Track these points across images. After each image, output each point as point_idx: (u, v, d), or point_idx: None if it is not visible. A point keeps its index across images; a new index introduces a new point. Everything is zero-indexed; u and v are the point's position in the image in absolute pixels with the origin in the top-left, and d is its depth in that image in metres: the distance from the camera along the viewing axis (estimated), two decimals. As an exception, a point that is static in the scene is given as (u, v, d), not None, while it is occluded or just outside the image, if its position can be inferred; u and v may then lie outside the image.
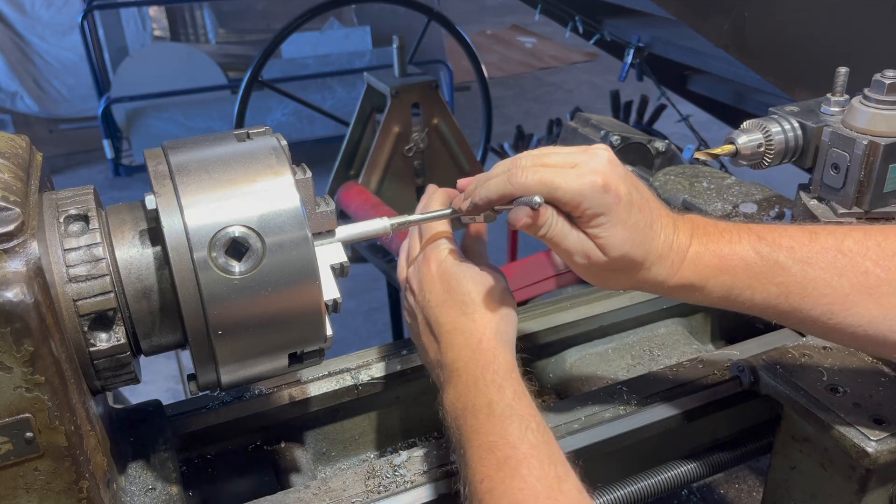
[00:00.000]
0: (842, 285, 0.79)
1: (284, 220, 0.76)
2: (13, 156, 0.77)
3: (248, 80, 3.08)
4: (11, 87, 6.37)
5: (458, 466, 0.81)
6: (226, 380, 0.81)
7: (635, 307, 1.27)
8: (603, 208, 0.80)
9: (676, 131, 4.19)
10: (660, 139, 1.63)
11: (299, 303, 0.78)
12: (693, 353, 1.26)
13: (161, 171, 0.78)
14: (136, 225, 0.81)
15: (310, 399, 1.06)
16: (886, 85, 1.04)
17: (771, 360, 1.00)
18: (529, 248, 1.97)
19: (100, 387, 0.82)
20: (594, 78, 7.75)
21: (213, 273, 0.74)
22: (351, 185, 2.62)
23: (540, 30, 8.91)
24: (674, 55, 3.11)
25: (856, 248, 0.80)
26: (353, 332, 3.94)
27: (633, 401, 1.02)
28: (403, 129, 2.67)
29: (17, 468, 0.72)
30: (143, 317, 0.79)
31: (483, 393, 0.81)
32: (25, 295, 0.67)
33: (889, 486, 0.92)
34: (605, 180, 0.80)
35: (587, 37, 3.44)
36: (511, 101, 7.21)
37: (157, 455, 0.92)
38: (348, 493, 0.89)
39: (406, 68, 2.71)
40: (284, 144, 0.83)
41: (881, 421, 0.89)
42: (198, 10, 7.25)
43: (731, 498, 1.38)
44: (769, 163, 1.16)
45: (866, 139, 1.05)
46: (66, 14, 6.33)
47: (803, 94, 1.85)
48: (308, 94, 5.52)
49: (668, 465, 1.05)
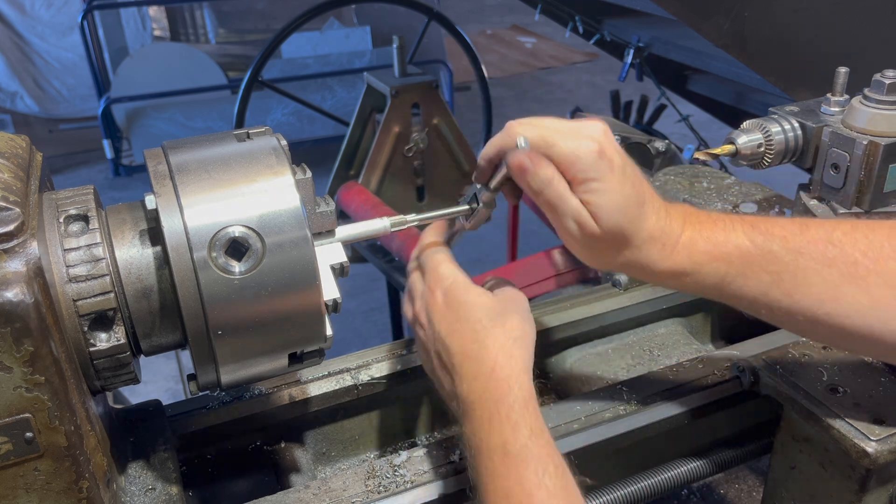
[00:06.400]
0: (832, 275, 0.80)
1: (284, 220, 0.76)
2: (13, 156, 0.77)
3: (248, 80, 3.08)
4: (11, 87, 6.38)
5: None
6: (226, 380, 0.81)
7: (635, 307, 1.27)
8: (596, 173, 0.80)
9: (676, 131, 4.19)
10: (660, 139, 1.63)
11: (299, 303, 0.78)
12: (693, 353, 1.26)
13: (161, 171, 0.78)
14: (136, 225, 0.81)
15: (310, 399, 1.06)
16: (886, 85, 1.04)
17: (771, 360, 1.00)
18: (529, 249, 1.97)
19: (100, 387, 0.82)
20: (594, 78, 7.75)
21: (213, 273, 0.74)
22: (351, 185, 2.62)
23: (540, 30, 8.91)
24: (674, 55, 3.11)
25: (845, 240, 0.80)
26: (353, 332, 3.94)
27: (633, 401, 1.02)
28: (403, 129, 2.67)
29: (17, 468, 0.72)
30: (143, 317, 0.79)
31: (497, 432, 0.78)
32: (25, 295, 0.67)
33: (889, 486, 0.92)
34: (601, 146, 0.81)
35: (587, 37, 3.44)
36: (511, 101, 7.21)
37: (157, 455, 0.92)
38: (348, 493, 0.89)
39: (406, 68, 2.71)
40: (284, 144, 0.83)
41: (881, 421, 0.89)
42: (198, 10, 7.26)
43: (731, 498, 1.38)
44: (769, 163, 1.16)
45: (866, 139, 1.05)
46: (66, 14, 6.34)
47: (803, 94, 1.85)
48: (308, 94, 5.52)
49: (667, 465, 1.05)
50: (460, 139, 2.82)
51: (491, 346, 0.83)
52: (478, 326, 0.84)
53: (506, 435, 0.77)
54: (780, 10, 1.79)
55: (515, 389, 0.80)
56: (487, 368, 0.81)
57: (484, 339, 0.83)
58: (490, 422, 0.79)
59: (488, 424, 0.79)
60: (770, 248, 0.82)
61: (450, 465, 0.93)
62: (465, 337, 0.84)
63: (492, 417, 0.79)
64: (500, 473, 0.76)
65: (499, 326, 0.84)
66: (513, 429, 0.77)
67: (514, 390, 0.80)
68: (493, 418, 0.79)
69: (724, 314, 1.31)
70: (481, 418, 0.79)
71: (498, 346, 0.83)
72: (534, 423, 0.78)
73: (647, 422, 1.00)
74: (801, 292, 0.81)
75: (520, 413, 0.78)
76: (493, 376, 0.81)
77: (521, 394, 0.80)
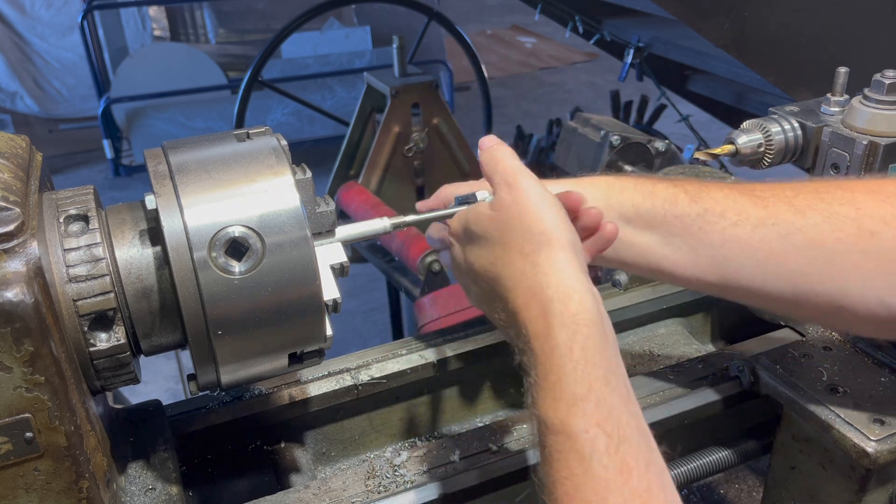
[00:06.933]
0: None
1: (284, 220, 0.76)
2: (13, 156, 0.77)
3: (248, 80, 3.08)
4: (11, 87, 6.38)
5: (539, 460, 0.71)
6: (226, 380, 0.81)
7: (635, 307, 1.27)
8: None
9: (676, 131, 4.19)
10: (660, 139, 1.63)
11: (299, 303, 0.78)
12: (693, 353, 1.26)
13: (161, 171, 0.78)
14: (136, 225, 0.81)
15: (310, 399, 1.06)
16: (886, 85, 1.04)
17: (771, 361, 1.00)
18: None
19: (100, 387, 0.82)
20: (594, 78, 7.75)
21: (213, 273, 0.74)
22: (351, 185, 2.62)
23: (540, 30, 8.91)
24: (674, 55, 3.11)
25: None
26: (353, 332, 3.94)
27: (633, 401, 1.02)
28: (403, 129, 2.67)
29: (17, 468, 0.72)
30: (143, 317, 0.79)
31: (572, 379, 0.69)
32: (25, 295, 0.67)
33: (889, 486, 0.92)
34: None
35: (587, 37, 3.44)
36: (511, 101, 7.21)
37: (157, 455, 0.92)
38: (348, 493, 0.89)
39: (406, 68, 2.71)
40: (284, 144, 0.83)
41: (881, 421, 0.89)
42: (198, 10, 7.26)
43: (731, 498, 1.38)
44: (769, 163, 1.16)
45: (866, 139, 1.05)
46: (66, 14, 6.34)
47: (803, 94, 1.85)
48: (308, 94, 5.52)
49: (667, 466, 1.05)
50: (460, 139, 2.82)
51: (542, 261, 0.74)
52: (534, 236, 0.76)
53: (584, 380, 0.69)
54: (780, 10, 1.80)
55: (580, 317, 0.71)
56: (539, 288, 0.73)
57: (534, 253, 0.75)
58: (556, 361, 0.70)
59: (559, 367, 0.70)
60: None
61: (450, 465, 0.93)
62: (515, 252, 0.77)
63: (552, 355, 0.70)
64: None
65: (555, 231, 0.76)
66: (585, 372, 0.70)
67: (578, 318, 0.71)
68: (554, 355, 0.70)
69: (724, 314, 1.31)
70: (542, 357, 0.71)
71: (551, 260, 0.74)
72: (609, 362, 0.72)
73: (646, 422, 1.00)
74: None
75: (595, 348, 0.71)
76: (546, 299, 0.72)
77: (585, 322, 0.71)
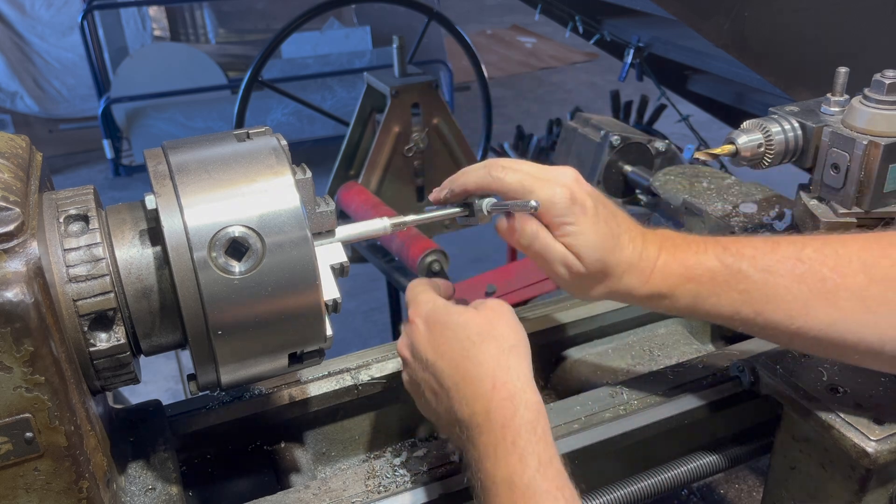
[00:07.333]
0: (801, 291, 0.83)
1: (284, 220, 0.76)
2: (13, 156, 0.77)
3: (248, 80, 3.08)
4: (11, 87, 6.38)
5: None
6: (226, 380, 0.81)
7: (635, 307, 1.27)
8: (571, 217, 0.85)
9: (676, 131, 4.19)
10: (660, 139, 1.63)
11: (299, 303, 0.78)
12: (693, 353, 1.26)
13: (161, 171, 0.78)
14: (136, 225, 0.81)
15: (310, 399, 1.06)
16: (886, 85, 1.04)
17: (771, 360, 1.00)
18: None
19: (100, 387, 0.82)
20: (594, 78, 7.75)
21: (213, 273, 0.74)
22: (351, 185, 2.62)
23: (540, 30, 8.91)
24: (674, 55, 3.11)
25: (814, 256, 0.84)
26: (353, 332, 3.94)
27: (633, 401, 1.02)
28: (403, 129, 2.67)
29: (17, 468, 0.72)
30: (143, 317, 0.79)
31: (504, 463, 0.74)
32: (25, 295, 0.67)
33: (889, 486, 0.92)
34: (573, 192, 0.86)
35: (587, 37, 3.44)
36: (511, 101, 7.21)
37: (157, 455, 0.92)
38: (348, 493, 0.89)
39: (406, 68, 2.71)
40: (284, 144, 0.83)
41: (881, 421, 0.89)
42: (198, 10, 7.26)
43: (731, 498, 1.38)
44: (769, 163, 1.16)
45: (866, 139, 1.05)
46: (66, 14, 6.34)
47: (803, 94, 1.85)
48: (308, 94, 5.52)
49: (667, 465, 1.05)
50: (460, 139, 2.82)
51: (485, 361, 0.79)
52: (467, 344, 0.81)
53: (512, 466, 0.74)
54: (780, 10, 1.79)
55: (521, 410, 0.76)
56: (487, 387, 0.78)
57: (476, 356, 0.80)
58: (496, 450, 0.75)
59: (493, 453, 0.75)
60: (739, 267, 0.86)
61: (450, 465, 0.93)
62: (455, 357, 0.81)
63: (497, 445, 0.75)
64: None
65: (489, 339, 0.81)
66: (519, 459, 0.74)
67: (519, 411, 0.76)
68: (499, 446, 0.75)
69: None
70: (486, 445, 0.76)
71: (493, 360, 0.79)
72: (542, 451, 0.75)
73: (647, 422, 1.00)
74: (771, 309, 0.84)
75: (527, 439, 0.75)
76: (495, 395, 0.77)
77: (527, 414, 0.76)
